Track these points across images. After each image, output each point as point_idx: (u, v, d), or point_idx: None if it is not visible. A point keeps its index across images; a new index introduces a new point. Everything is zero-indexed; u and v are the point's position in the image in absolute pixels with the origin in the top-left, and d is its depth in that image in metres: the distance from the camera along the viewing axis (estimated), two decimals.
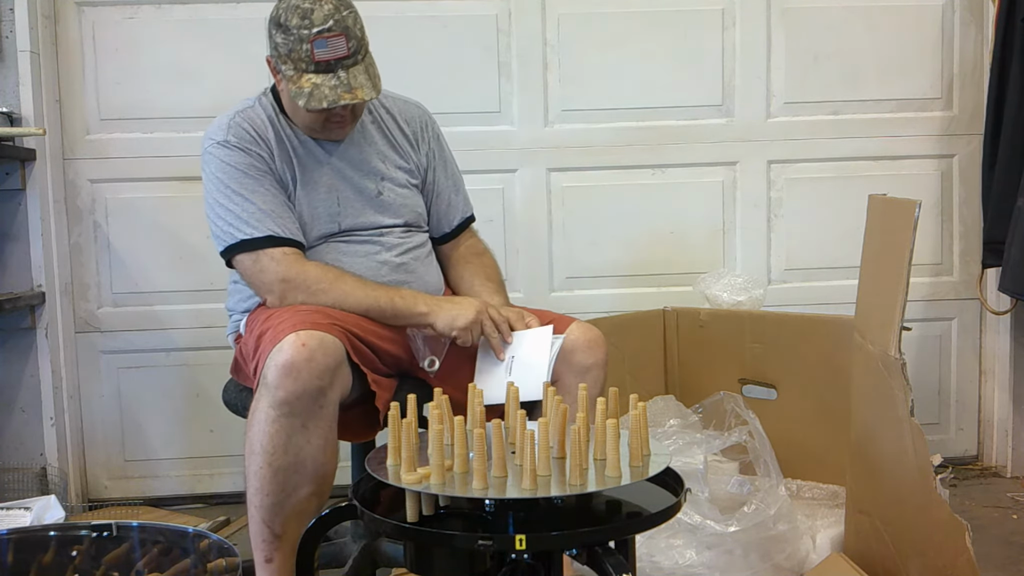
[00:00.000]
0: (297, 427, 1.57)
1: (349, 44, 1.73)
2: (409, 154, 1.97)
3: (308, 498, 1.62)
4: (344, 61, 1.73)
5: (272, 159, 1.85)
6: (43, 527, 1.99)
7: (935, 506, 1.66)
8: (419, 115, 2.02)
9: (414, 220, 1.96)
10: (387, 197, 1.92)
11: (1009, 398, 2.89)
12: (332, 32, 1.71)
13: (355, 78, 1.74)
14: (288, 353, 1.54)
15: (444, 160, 2.04)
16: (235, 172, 1.81)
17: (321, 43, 1.71)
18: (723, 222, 2.90)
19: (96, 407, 2.80)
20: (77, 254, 2.76)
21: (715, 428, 2.21)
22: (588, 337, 1.83)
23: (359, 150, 1.92)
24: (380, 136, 1.96)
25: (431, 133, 2.02)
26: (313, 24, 1.71)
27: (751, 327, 2.47)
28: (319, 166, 1.88)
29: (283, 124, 1.88)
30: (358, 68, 1.75)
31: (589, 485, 1.36)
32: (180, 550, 1.91)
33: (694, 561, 1.93)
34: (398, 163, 1.95)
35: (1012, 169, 2.61)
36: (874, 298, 1.88)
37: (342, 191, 1.89)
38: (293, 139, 1.88)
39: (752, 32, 2.85)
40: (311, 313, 1.67)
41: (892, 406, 1.73)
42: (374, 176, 1.91)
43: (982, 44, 2.88)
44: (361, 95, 1.73)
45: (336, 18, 1.72)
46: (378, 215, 1.91)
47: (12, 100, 2.58)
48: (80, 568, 1.91)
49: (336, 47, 1.71)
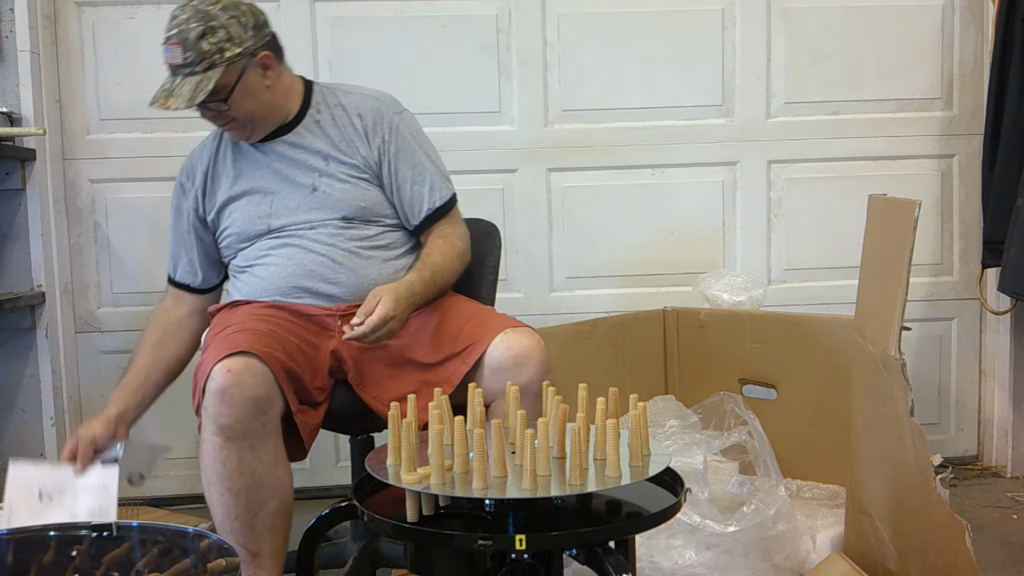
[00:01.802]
0: (245, 448, 1.61)
1: (185, 55, 1.80)
2: (356, 148, 1.96)
3: (275, 513, 1.66)
4: (180, 68, 1.82)
5: (202, 189, 2.00)
6: (43, 527, 1.98)
7: (935, 506, 1.66)
8: (374, 108, 1.98)
9: (356, 213, 1.93)
10: (323, 192, 1.93)
11: (1009, 398, 2.89)
12: (171, 40, 1.81)
13: (181, 87, 1.81)
14: (218, 380, 1.60)
15: (406, 152, 1.97)
16: (171, 214, 2.07)
17: (166, 48, 1.82)
18: (723, 222, 2.90)
19: (96, 407, 2.79)
20: (77, 254, 2.76)
21: (715, 428, 2.21)
22: (514, 352, 1.72)
23: (299, 148, 1.95)
24: (329, 131, 1.97)
25: (387, 126, 1.97)
26: (167, 29, 1.83)
27: (751, 327, 2.47)
28: (257, 169, 1.96)
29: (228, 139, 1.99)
30: (191, 78, 1.80)
31: (589, 485, 1.36)
32: (180, 550, 1.91)
33: (693, 561, 1.93)
34: (342, 158, 1.95)
35: (1012, 169, 2.61)
36: (874, 298, 1.88)
37: (277, 191, 1.94)
38: (236, 151, 1.99)
39: (752, 32, 2.85)
40: (237, 334, 1.70)
41: (892, 406, 1.73)
42: (311, 172, 1.94)
43: (982, 44, 2.88)
44: (171, 104, 1.80)
45: (180, 28, 1.80)
46: (312, 211, 1.92)
47: (12, 100, 2.57)
48: (80, 568, 1.90)
49: (173, 53, 1.81)
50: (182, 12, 1.82)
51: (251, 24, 1.86)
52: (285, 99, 1.95)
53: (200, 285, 2.06)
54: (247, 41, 1.84)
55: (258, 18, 1.89)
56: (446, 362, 1.79)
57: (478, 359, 1.74)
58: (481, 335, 1.77)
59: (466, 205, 2.07)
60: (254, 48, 1.86)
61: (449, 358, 1.78)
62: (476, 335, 1.78)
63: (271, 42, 1.91)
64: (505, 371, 1.72)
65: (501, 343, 1.74)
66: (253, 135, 1.95)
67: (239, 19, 1.84)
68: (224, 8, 1.83)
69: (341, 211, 1.93)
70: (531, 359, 1.72)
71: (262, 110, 1.91)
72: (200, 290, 2.06)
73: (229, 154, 1.99)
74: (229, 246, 1.99)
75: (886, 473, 1.81)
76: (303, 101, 1.98)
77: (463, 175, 2.79)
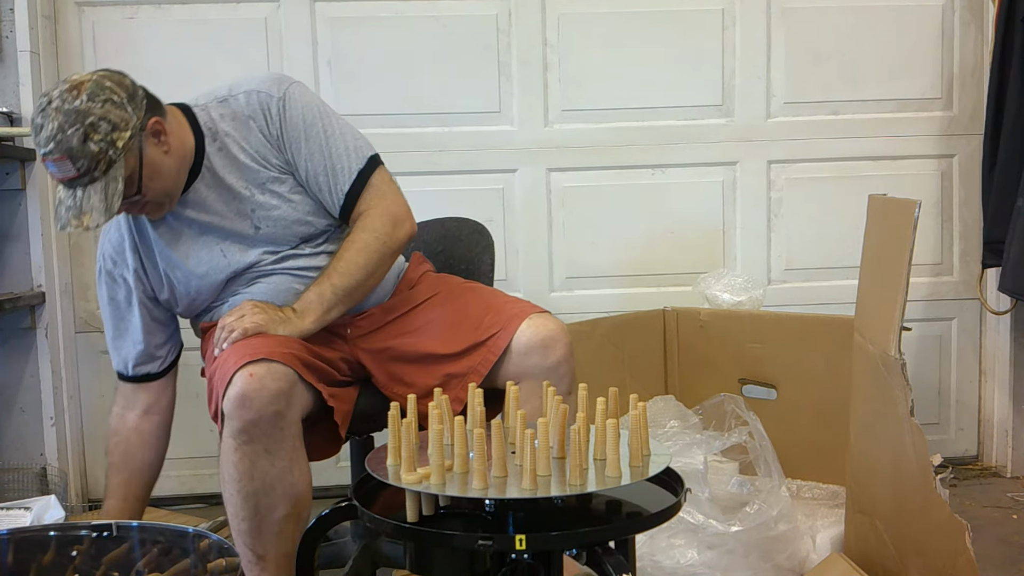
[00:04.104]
0: (260, 452, 1.59)
1: (77, 164, 1.57)
2: (269, 158, 1.78)
3: (285, 519, 1.63)
4: (77, 181, 1.59)
5: (139, 267, 1.83)
6: (43, 527, 1.98)
7: (935, 506, 1.66)
8: (254, 107, 1.77)
9: (313, 230, 1.82)
10: (269, 228, 1.78)
11: (1009, 398, 2.89)
12: (53, 156, 1.57)
13: (88, 200, 1.59)
14: (239, 385, 1.55)
15: (303, 139, 1.77)
16: (105, 308, 1.89)
17: (49, 164, 1.59)
18: (723, 222, 2.90)
19: (96, 407, 2.80)
20: (77, 254, 2.76)
21: (715, 429, 2.21)
22: (542, 336, 1.71)
23: (215, 194, 1.78)
24: (236, 166, 1.77)
25: (272, 121, 1.77)
26: (39, 144, 1.59)
27: (751, 327, 2.47)
28: (185, 232, 1.79)
29: (134, 218, 1.82)
30: (94, 186, 1.59)
31: (589, 485, 1.35)
32: (180, 550, 1.91)
33: (695, 561, 1.93)
34: (262, 181, 1.77)
35: (1012, 169, 2.61)
36: (874, 298, 1.88)
37: (221, 243, 1.79)
38: (149, 227, 1.80)
39: (752, 32, 2.85)
40: (254, 342, 1.64)
41: (892, 406, 1.72)
42: (242, 215, 1.78)
43: (982, 44, 2.88)
44: (87, 221, 1.59)
45: (58, 139, 1.56)
46: (268, 250, 1.79)
47: (12, 100, 2.58)
48: (80, 568, 1.90)
49: (63, 168, 1.58)
50: (47, 121, 1.57)
51: (125, 98, 1.63)
52: (183, 149, 1.73)
53: (160, 368, 1.90)
54: (131, 118, 1.62)
55: (126, 87, 1.65)
56: (470, 352, 1.74)
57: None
58: (504, 322, 1.74)
59: (466, 205, 2.08)
60: (141, 122, 1.64)
61: (473, 347, 1.74)
62: (499, 322, 1.75)
63: (149, 102, 1.69)
64: (534, 353, 1.71)
65: (528, 327, 1.72)
66: (171, 205, 1.75)
67: (112, 100, 1.60)
68: (91, 97, 1.59)
69: (296, 235, 1.80)
70: (559, 341, 1.72)
71: (172, 179, 1.71)
72: (159, 374, 1.91)
73: (140, 230, 1.81)
74: (196, 307, 1.87)
75: (886, 473, 1.81)
76: (195, 135, 1.76)
77: (463, 175, 2.81)
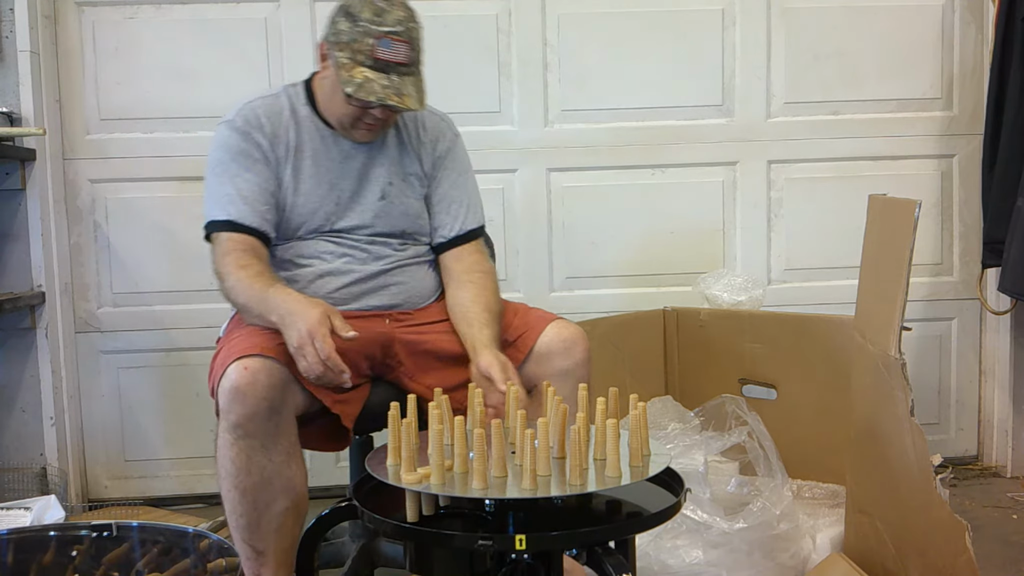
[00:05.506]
0: (256, 447, 1.60)
1: (410, 54, 1.77)
2: (421, 161, 1.97)
3: (283, 513, 1.64)
4: (400, 67, 1.77)
5: (273, 148, 1.86)
6: (43, 527, 1.99)
7: (935, 506, 1.66)
8: (435, 125, 2.01)
9: (414, 230, 1.95)
10: (389, 204, 1.91)
11: (1009, 398, 2.89)
12: (399, 36, 1.76)
13: (406, 86, 1.77)
14: (232, 378, 1.57)
15: (457, 171, 2.00)
16: (226, 155, 1.84)
17: (387, 43, 1.75)
18: (723, 222, 2.90)
19: (96, 407, 2.80)
20: (77, 254, 2.76)
21: (715, 429, 2.21)
22: (563, 337, 1.82)
23: (374, 155, 1.92)
24: (398, 144, 1.96)
25: (445, 145, 2.00)
26: (384, 23, 1.75)
27: (751, 327, 2.47)
28: (331, 163, 1.89)
29: (308, 115, 1.90)
30: (410, 79, 1.79)
31: (589, 485, 1.36)
32: (180, 550, 1.91)
33: (700, 559, 1.94)
34: (408, 172, 1.95)
35: (1012, 169, 2.61)
36: (874, 298, 1.88)
37: (345, 191, 1.89)
38: (313, 132, 1.89)
39: (752, 32, 2.85)
40: (258, 335, 1.66)
41: (892, 406, 1.73)
42: (381, 182, 1.91)
43: (982, 44, 2.88)
44: (408, 103, 1.77)
45: (408, 25, 1.77)
46: (376, 220, 1.90)
47: (12, 100, 2.58)
48: (80, 568, 1.91)
49: (398, 51, 1.76)
50: (391, 7, 1.77)
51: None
52: None
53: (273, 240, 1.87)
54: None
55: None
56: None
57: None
58: (529, 325, 1.86)
59: None
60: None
61: (502, 347, 1.81)
62: (524, 325, 1.86)
63: None
64: (556, 355, 1.81)
65: (551, 330, 1.84)
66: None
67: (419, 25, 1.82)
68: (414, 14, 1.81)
69: (402, 226, 1.92)
70: (579, 344, 1.83)
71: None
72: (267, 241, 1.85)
73: (305, 130, 1.90)
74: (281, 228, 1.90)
75: (886, 473, 1.81)
76: None
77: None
